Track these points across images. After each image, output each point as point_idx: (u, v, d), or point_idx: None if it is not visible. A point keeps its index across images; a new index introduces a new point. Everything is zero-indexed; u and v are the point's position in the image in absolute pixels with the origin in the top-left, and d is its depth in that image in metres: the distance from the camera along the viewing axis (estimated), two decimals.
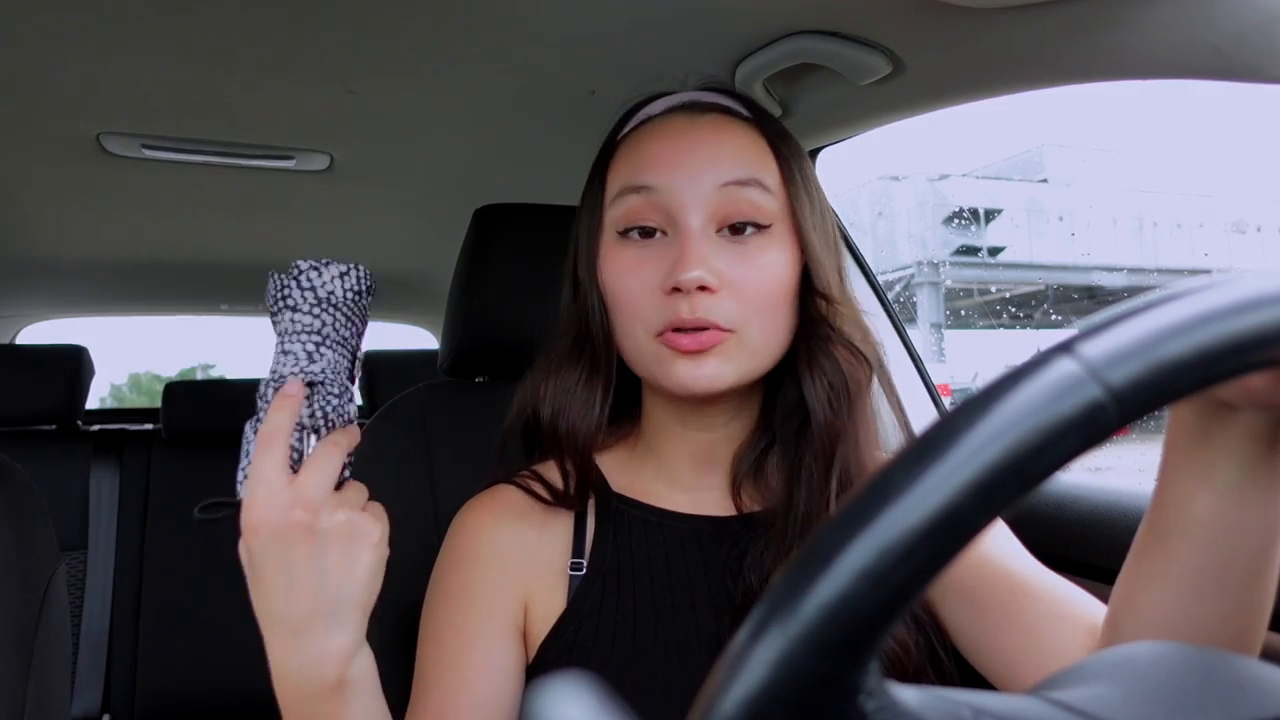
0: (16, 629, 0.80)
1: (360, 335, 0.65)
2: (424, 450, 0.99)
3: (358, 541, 0.57)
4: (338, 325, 0.63)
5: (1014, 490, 0.26)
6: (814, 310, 0.73)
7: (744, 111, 0.76)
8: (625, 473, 0.80)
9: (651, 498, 0.78)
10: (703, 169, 0.70)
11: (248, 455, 0.60)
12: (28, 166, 1.42)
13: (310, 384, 0.61)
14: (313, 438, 0.61)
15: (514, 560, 0.75)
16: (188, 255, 2.12)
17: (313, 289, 0.62)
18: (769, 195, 0.71)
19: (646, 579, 0.74)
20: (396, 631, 0.87)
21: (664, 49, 1.01)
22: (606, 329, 0.75)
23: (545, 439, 0.78)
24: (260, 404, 0.61)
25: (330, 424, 0.61)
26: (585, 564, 0.75)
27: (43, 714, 0.81)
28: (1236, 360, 0.28)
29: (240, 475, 0.61)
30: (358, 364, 0.65)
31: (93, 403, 2.35)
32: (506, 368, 1.05)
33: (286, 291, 0.62)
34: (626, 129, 0.78)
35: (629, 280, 0.71)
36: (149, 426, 2.31)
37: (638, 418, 0.82)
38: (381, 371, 2.57)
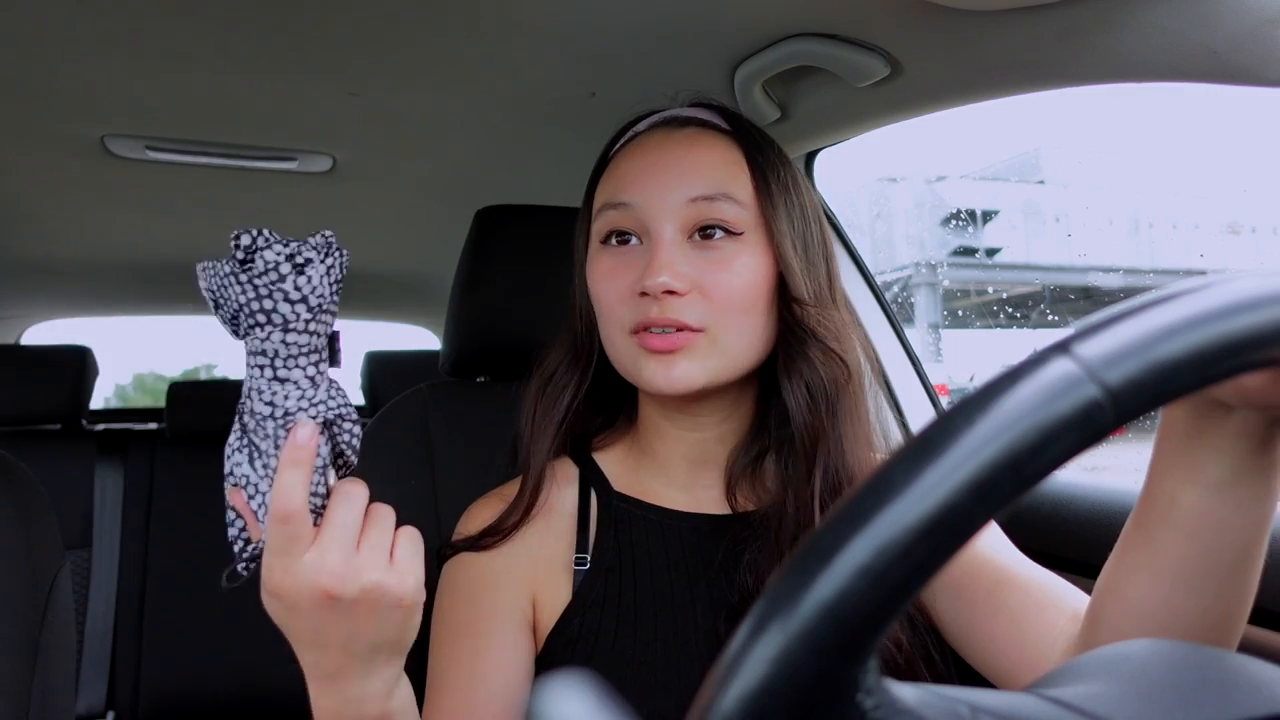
0: (22, 627, 0.80)
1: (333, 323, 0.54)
2: (426, 450, 0.98)
3: (384, 602, 0.52)
4: (326, 331, 0.52)
5: (1011, 489, 0.26)
6: (790, 315, 0.74)
7: (722, 124, 0.77)
8: (624, 471, 0.81)
9: (651, 496, 0.79)
10: (674, 183, 0.72)
11: (248, 490, 0.52)
12: (32, 168, 1.42)
13: (326, 421, 0.52)
14: (330, 473, 0.53)
15: (521, 556, 0.76)
16: (191, 256, 2.12)
17: (303, 299, 0.50)
18: (739, 207, 0.73)
19: (647, 575, 0.75)
20: None
21: (664, 52, 1.01)
22: (590, 326, 0.79)
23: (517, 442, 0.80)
24: (258, 433, 0.51)
25: (346, 459, 0.54)
26: (589, 559, 0.76)
27: (48, 711, 0.81)
28: (1232, 360, 0.28)
29: (230, 516, 0.53)
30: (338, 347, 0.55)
31: (97, 403, 2.35)
32: (507, 368, 1.05)
33: (270, 304, 0.50)
34: (615, 147, 0.80)
35: (607, 285, 0.74)
36: (153, 426, 2.31)
37: (634, 418, 0.83)
38: (383, 371, 2.57)
